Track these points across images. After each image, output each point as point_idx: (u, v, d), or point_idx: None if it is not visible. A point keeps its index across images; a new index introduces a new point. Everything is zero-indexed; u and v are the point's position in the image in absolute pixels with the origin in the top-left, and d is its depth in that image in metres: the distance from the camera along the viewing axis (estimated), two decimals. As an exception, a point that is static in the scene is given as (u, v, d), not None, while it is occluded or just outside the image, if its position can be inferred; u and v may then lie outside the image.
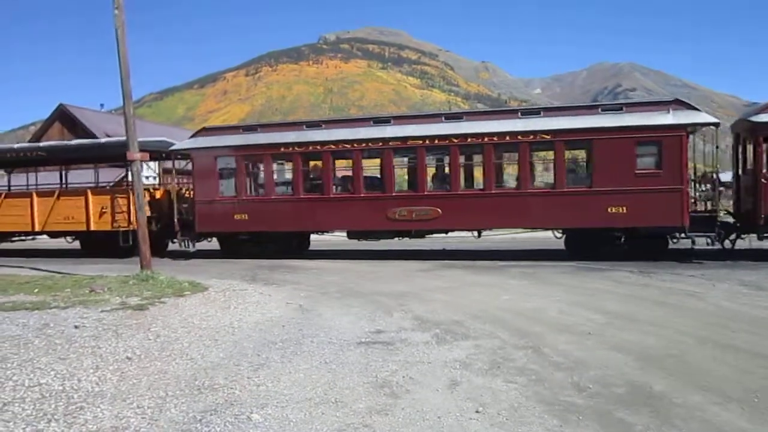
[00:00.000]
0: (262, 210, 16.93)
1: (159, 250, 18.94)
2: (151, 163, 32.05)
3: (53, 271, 13.95)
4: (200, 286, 10.95)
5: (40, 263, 16.41)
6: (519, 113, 15.74)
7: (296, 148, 16.65)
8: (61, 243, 21.67)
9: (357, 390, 5.47)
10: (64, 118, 38.76)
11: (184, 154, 18.54)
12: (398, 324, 8.19)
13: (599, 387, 5.41)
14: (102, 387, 5.58)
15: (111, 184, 21.90)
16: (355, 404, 5.11)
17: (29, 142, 28.90)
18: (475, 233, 16.30)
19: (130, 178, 15.09)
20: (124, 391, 5.46)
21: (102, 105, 51.74)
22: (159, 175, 33.59)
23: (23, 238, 22.40)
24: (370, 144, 16.10)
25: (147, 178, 30.69)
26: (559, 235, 15.65)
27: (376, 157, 16.84)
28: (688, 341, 6.97)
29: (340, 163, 17.91)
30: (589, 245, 15.02)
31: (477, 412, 4.88)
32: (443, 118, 16.07)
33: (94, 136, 32.99)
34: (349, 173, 17.14)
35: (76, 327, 7.61)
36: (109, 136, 30.69)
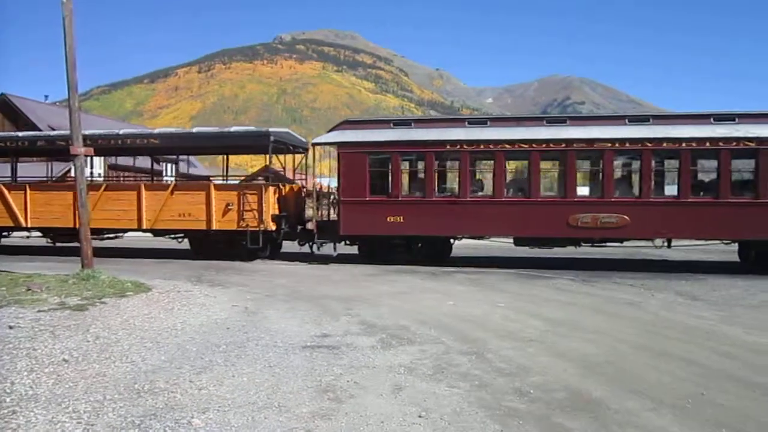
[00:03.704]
0: (421, 212, 15.68)
1: (276, 250, 17.87)
2: (95, 159, 31.34)
3: (-12, 268, 13.38)
4: (144, 287, 10.69)
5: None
6: (711, 119, 14.73)
7: (465, 147, 15.48)
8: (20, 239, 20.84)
9: (301, 394, 5.44)
10: (5, 108, 37.38)
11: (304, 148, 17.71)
12: (344, 328, 8.18)
13: (540, 392, 5.52)
14: (36, 390, 5.38)
15: (54, 178, 20.99)
16: (298, 409, 5.08)
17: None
18: (663, 242, 15.36)
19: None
20: (59, 395, 5.29)
21: (46, 96, 49.74)
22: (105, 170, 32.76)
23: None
24: (551, 145, 15.13)
25: (92, 174, 29.94)
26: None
27: (555, 159, 16.04)
28: (626, 349, 7.19)
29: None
30: None
31: (420, 416, 4.92)
32: (626, 121, 15.30)
33: (37, 129, 31.95)
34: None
35: (10, 327, 7.33)
36: (53, 128, 29.77)
